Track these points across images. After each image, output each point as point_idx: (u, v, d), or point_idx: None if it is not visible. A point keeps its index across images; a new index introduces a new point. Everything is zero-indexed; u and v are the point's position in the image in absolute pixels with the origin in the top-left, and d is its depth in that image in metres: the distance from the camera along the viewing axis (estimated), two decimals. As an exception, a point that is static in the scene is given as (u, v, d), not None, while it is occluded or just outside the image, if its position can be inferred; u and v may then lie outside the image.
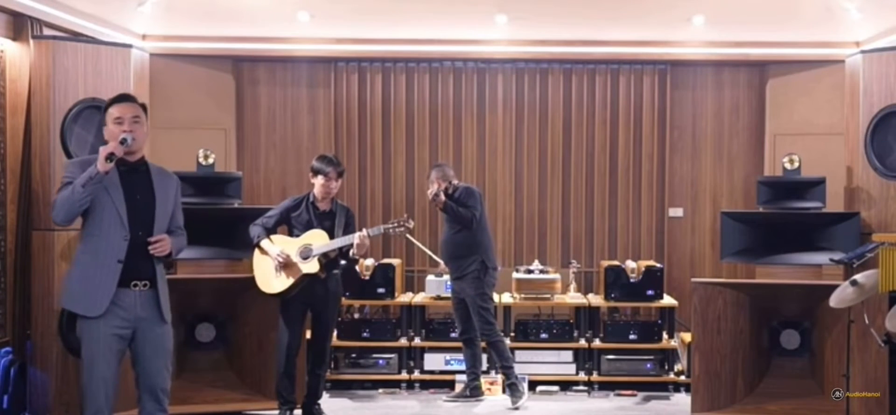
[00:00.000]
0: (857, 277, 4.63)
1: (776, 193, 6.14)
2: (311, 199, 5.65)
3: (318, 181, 5.59)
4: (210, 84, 7.52)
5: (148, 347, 4.08)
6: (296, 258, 5.45)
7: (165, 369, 4.13)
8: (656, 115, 7.68)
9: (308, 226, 5.57)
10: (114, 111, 4.08)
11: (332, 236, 5.51)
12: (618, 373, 6.66)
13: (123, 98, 4.17)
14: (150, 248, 4.05)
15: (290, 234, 5.61)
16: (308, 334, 5.78)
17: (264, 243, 5.53)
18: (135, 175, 4.09)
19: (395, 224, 5.61)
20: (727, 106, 7.76)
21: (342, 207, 5.74)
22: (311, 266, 5.44)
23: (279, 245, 5.52)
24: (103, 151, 3.91)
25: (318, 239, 5.48)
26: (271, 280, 5.50)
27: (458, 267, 6.15)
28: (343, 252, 5.60)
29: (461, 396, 6.33)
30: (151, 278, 4.08)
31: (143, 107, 4.18)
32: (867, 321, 4.76)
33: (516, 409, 6.09)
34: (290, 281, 5.44)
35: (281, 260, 5.43)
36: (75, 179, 3.94)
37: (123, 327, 4.02)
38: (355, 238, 5.43)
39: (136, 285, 4.03)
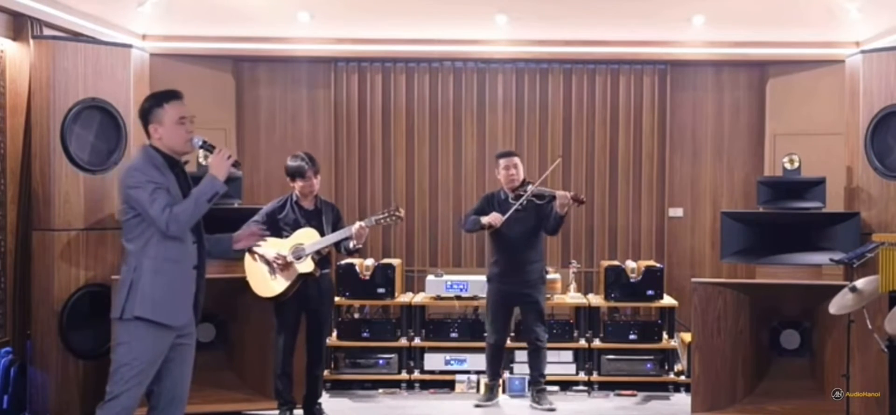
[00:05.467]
0: (857, 283, 4.63)
1: (776, 193, 6.15)
2: (294, 198, 5.62)
3: (298, 185, 5.56)
4: (210, 84, 7.50)
5: (186, 353, 3.94)
6: (290, 259, 5.43)
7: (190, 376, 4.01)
8: (656, 115, 7.68)
9: (296, 225, 5.54)
10: (178, 110, 3.87)
11: (321, 234, 5.50)
12: (618, 373, 6.65)
13: (179, 94, 3.94)
14: (252, 240, 4.32)
15: (279, 235, 5.53)
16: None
17: (256, 248, 5.43)
18: (181, 175, 3.97)
19: (386, 215, 5.56)
20: (727, 106, 7.75)
21: (327, 203, 5.72)
22: (306, 265, 5.43)
23: (271, 247, 5.46)
24: (228, 164, 3.87)
25: (308, 238, 5.46)
26: (268, 283, 5.46)
27: (524, 270, 6.02)
28: (345, 248, 5.58)
29: (488, 400, 6.22)
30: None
31: None
32: (870, 326, 4.76)
33: (553, 410, 6.06)
34: (287, 282, 5.43)
35: (280, 262, 5.41)
36: (157, 182, 3.76)
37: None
38: (354, 228, 5.42)
39: None
